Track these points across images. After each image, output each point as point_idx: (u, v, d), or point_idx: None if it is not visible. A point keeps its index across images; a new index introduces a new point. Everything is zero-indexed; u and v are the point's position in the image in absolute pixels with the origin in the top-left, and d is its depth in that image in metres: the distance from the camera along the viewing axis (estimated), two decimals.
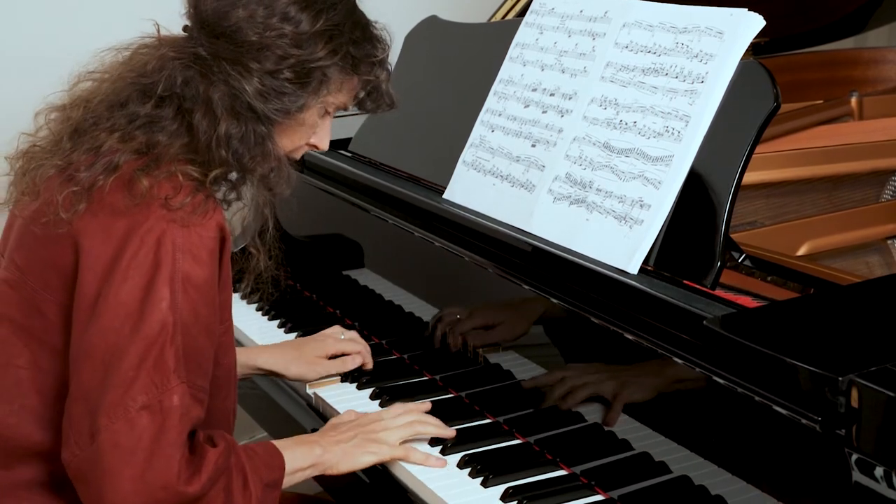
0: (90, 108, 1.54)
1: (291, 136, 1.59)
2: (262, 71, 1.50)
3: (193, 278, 1.46)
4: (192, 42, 1.54)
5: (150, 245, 1.44)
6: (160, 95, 1.50)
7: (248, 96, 1.50)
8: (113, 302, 1.43)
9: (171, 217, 1.45)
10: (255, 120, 1.52)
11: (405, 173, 2.11)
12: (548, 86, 1.86)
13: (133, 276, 1.44)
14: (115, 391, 1.41)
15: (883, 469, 1.20)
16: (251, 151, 1.52)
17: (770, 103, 1.55)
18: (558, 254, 1.67)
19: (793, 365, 1.27)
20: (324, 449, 1.65)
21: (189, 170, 1.49)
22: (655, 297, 1.50)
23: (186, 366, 1.45)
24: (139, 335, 1.42)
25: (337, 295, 2.27)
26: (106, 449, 1.40)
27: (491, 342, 1.83)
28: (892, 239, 1.96)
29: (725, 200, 1.54)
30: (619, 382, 1.59)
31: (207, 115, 1.50)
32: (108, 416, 1.41)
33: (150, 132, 1.49)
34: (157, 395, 1.42)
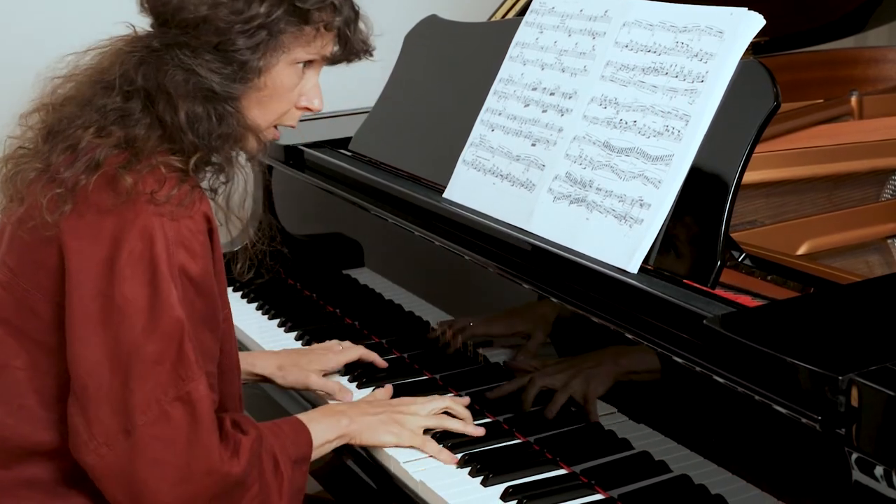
0: (59, 109, 1.54)
1: (267, 106, 1.56)
2: (208, 46, 1.49)
3: (189, 271, 1.47)
4: (149, 36, 1.53)
5: (144, 241, 1.44)
6: (126, 90, 1.50)
7: (202, 76, 1.48)
8: (120, 301, 1.44)
9: (158, 211, 1.45)
10: (216, 99, 1.50)
11: (405, 172, 2.11)
12: (548, 85, 1.86)
13: (133, 273, 1.44)
14: (143, 388, 1.43)
15: (883, 468, 1.20)
16: (215, 131, 1.50)
17: (770, 102, 1.55)
18: (558, 253, 1.67)
19: (793, 364, 1.27)
20: (350, 419, 1.69)
21: (171, 160, 1.48)
22: (655, 297, 1.50)
23: (204, 356, 1.48)
24: (157, 332, 1.44)
25: (337, 294, 2.27)
26: (146, 443, 1.43)
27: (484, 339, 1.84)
28: (892, 238, 1.96)
29: (725, 199, 1.54)
30: (619, 381, 1.59)
31: (168, 105, 1.49)
32: (142, 413, 1.43)
33: (126, 126, 1.49)
34: (185, 386, 1.44)
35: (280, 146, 2.36)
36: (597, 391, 1.61)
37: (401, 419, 1.71)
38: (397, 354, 2.05)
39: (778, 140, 2.13)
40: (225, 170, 1.56)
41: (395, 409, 1.74)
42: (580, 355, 1.68)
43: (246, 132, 1.56)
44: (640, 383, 1.55)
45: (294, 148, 2.34)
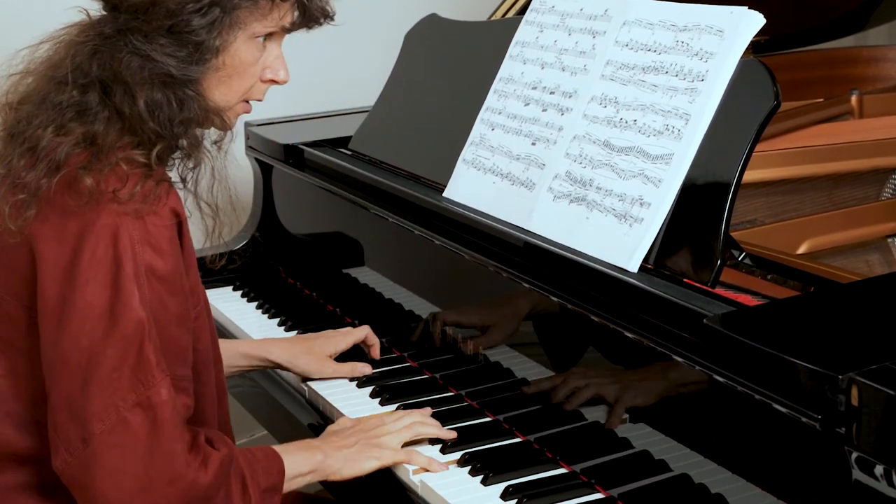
0: (17, 108, 1.50)
1: (231, 84, 1.52)
2: (161, 30, 1.44)
3: (157, 270, 1.43)
4: (101, 23, 1.49)
5: (107, 242, 1.41)
6: (80, 84, 1.46)
7: (158, 61, 1.44)
8: (80, 304, 1.40)
9: (123, 210, 1.41)
10: (174, 83, 1.46)
11: (405, 171, 2.11)
12: (548, 84, 1.86)
13: (95, 275, 1.40)
14: (101, 394, 1.40)
15: (883, 467, 1.20)
16: (178, 116, 1.46)
17: (770, 101, 1.55)
18: (558, 252, 1.67)
19: (793, 363, 1.27)
20: (325, 455, 1.64)
21: (133, 155, 1.45)
22: (655, 296, 1.50)
23: (168, 359, 1.44)
24: (115, 335, 1.40)
25: (337, 293, 2.27)
26: (104, 451, 1.39)
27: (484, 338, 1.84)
28: (892, 237, 1.96)
29: (725, 199, 1.54)
30: (619, 381, 1.59)
31: (126, 94, 1.45)
32: (100, 420, 1.39)
33: (85, 122, 1.45)
34: (145, 391, 1.41)
35: (280, 145, 2.37)
36: (597, 390, 1.61)
37: (378, 442, 1.68)
38: (397, 353, 2.05)
39: (778, 139, 2.13)
40: (192, 155, 1.51)
41: (368, 433, 1.69)
42: (580, 354, 1.68)
43: (210, 114, 1.51)
44: (641, 382, 1.55)
45: (294, 147, 2.34)
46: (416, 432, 1.71)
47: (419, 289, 2.02)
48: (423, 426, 1.72)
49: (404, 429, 1.70)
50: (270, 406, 2.06)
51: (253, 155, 2.49)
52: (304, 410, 1.96)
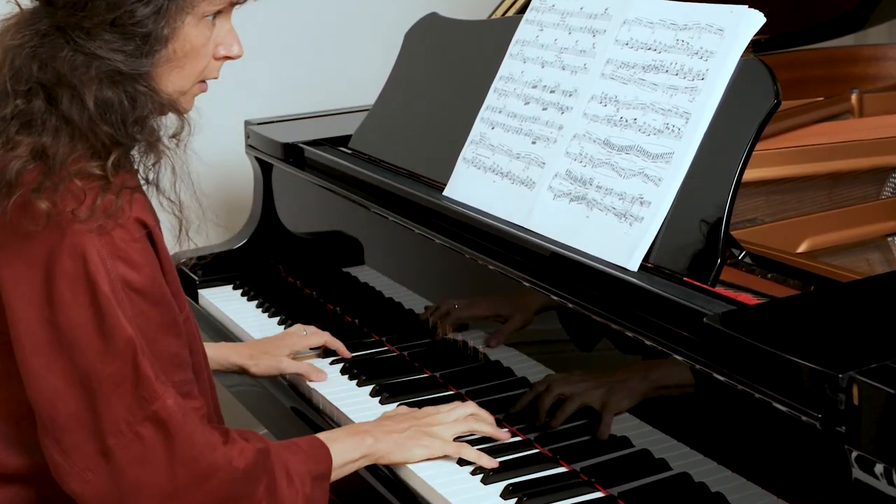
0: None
1: (185, 67, 1.46)
2: (104, 24, 1.37)
3: (133, 283, 1.39)
4: (36, 18, 1.41)
5: (77, 264, 1.36)
6: (22, 90, 1.38)
7: (104, 58, 1.38)
8: (69, 326, 1.37)
9: (86, 228, 1.36)
10: (124, 80, 1.39)
11: (405, 170, 2.11)
12: (548, 83, 1.86)
13: (74, 297, 1.37)
14: (109, 412, 1.38)
15: (883, 466, 1.20)
16: (133, 113, 1.40)
17: (770, 100, 1.55)
18: (558, 251, 1.67)
19: (793, 362, 1.27)
20: (375, 439, 1.63)
21: (88, 168, 1.38)
22: (656, 294, 1.50)
23: (165, 369, 1.42)
24: (108, 355, 1.38)
25: (337, 292, 2.27)
26: (125, 465, 1.39)
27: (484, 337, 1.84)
28: (892, 236, 1.96)
29: (725, 197, 1.54)
30: (618, 380, 1.59)
31: (74, 97, 1.38)
32: (115, 436, 1.39)
33: (33, 133, 1.38)
34: (151, 406, 1.39)
35: (280, 144, 2.37)
36: (598, 389, 1.61)
37: (430, 430, 1.66)
38: (397, 352, 2.05)
39: (778, 138, 2.13)
40: (152, 151, 1.45)
41: (421, 421, 1.68)
42: (580, 353, 1.68)
43: (165, 106, 1.45)
44: (641, 381, 1.55)
45: (294, 146, 2.34)
46: (469, 427, 1.69)
47: (419, 288, 2.02)
48: (477, 422, 1.70)
49: (459, 421, 1.69)
50: (271, 404, 2.06)
51: (253, 154, 2.49)
52: (303, 407, 1.96)
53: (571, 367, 1.68)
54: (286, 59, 3.06)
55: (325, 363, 2.03)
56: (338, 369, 2.00)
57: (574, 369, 1.67)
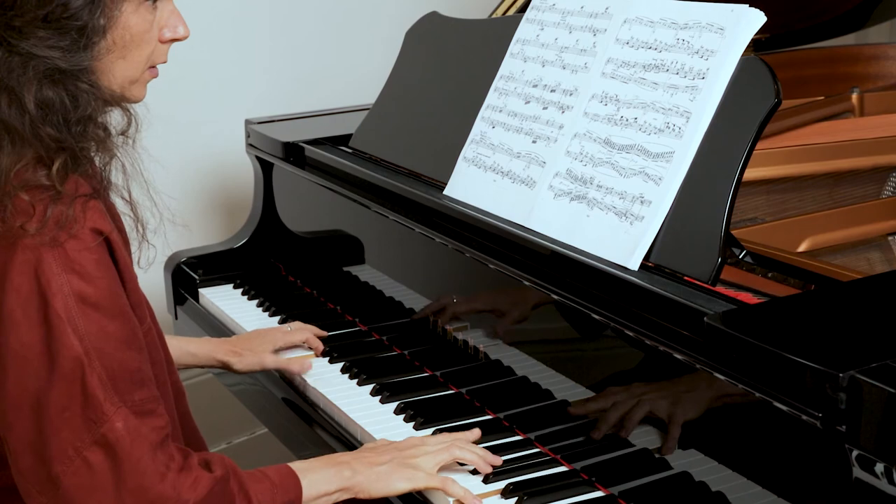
0: None
1: (130, 56, 1.40)
2: (36, 21, 1.31)
3: (88, 297, 1.33)
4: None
5: (29, 279, 1.31)
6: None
7: (38, 56, 1.32)
8: (16, 347, 1.33)
9: (38, 242, 1.31)
10: (65, 77, 1.34)
11: (406, 169, 2.11)
12: (548, 82, 1.86)
13: (24, 316, 1.32)
14: (57, 437, 1.33)
15: (883, 465, 1.20)
16: (76, 112, 1.34)
17: (771, 99, 1.54)
18: (559, 250, 1.67)
19: (794, 361, 1.27)
20: (354, 471, 1.55)
21: (34, 179, 1.33)
22: (656, 294, 1.50)
23: (116, 388, 1.35)
24: (55, 376, 1.33)
25: (337, 291, 2.27)
26: (73, 492, 1.34)
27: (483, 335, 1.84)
28: (892, 235, 1.96)
29: (726, 197, 1.54)
30: (619, 379, 1.59)
31: (12, 101, 1.32)
32: (61, 463, 1.34)
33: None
34: (98, 429, 1.34)
35: (280, 143, 2.37)
36: (599, 389, 1.61)
37: (413, 462, 1.57)
38: (398, 351, 2.05)
39: (779, 137, 2.13)
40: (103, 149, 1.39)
41: (404, 452, 1.59)
42: (581, 352, 1.68)
43: (110, 101, 1.40)
44: (640, 380, 1.55)
45: (294, 145, 2.34)
46: (452, 455, 1.60)
47: (419, 287, 2.02)
48: (460, 449, 1.60)
49: (441, 450, 1.60)
50: (270, 403, 2.06)
51: (253, 153, 2.49)
52: (301, 406, 1.96)
53: (571, 366, 1.68)
54: (286, 58, 3.06)
55: (322, 362, 2.03)
56: (338, 368, 2.00)
57: (574, 369, 1.67)
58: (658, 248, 1.59)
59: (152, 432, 1.38)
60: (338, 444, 1.83)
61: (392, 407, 1.85)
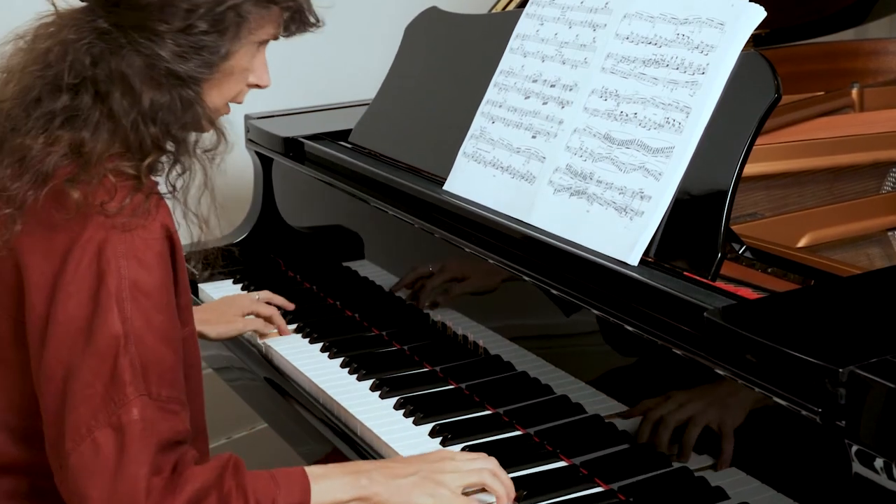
0: (3, 112, 1.44)
1: (224, 88, 1.50)
2: (172, 30, 1.40)
3: (142, 285, 1.38)
4: (92, 16, 1.43)
5: (91, 256, 1.36)
6: (72, 84, 1.40)
7: (166, 61, 1.40)
8: (62, 319, 1.37)
9: (110, 224, 1.37)
10: (179, 84, 1.42)
11: (405, 164, 2.10)
12: (548, 77, 1.86)
13: (77, 290, 1.36)
14: (74, 412, 1.35)
15: (883, 460, 1.20)
16: (180, 119, 1.43)
17: (771, 95, 1.54)
18: (559, 245, 1.67)
19: (793, 356, 1.27)
20: (371, 481, 1.49)
21: (122, 167, 1.40)
22: (656, 289, 1.50)
23: (145, 377, 1.37)
24: (89, 350, 1.35)
25: (337, 286, 2.27)
26: (76, 472, 1.34)
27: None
28: (892, 230, 1.96)
29: (726, 192, 1.54)
30: (619, 374, 1.59)
31: (127, 93, 1.40)
32: (72, 439, 1.35)
33: (73, 128, 1.40)
34: (115, 410, 1.34)
35: (280, 138, 2.36)
36: (598, 384, 1.61)
37: (438, 478, 1.50)
38: (398, 347, 2.05)
39: (779, 132, 2.13)
40: (181, 161, 1.47)
41: (432, 465, 1.53)
42: (580, 347, 1.68)
43: (206, 119, 1.48)
44: (640, 376, 1.55)
45: (294, 140, 2.34)
46: (482, 480, 1.52)
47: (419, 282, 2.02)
48: (492, 477, 1.52)
49: (472, 471, 1.53)
50: (271, 399, 2.06)
51: (253, 148, 2.49)
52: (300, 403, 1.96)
53: (571, 361, 1.68)
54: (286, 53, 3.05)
55: (322, 356, 2.03)
56: (338, 363, 2.00)
57: (574, 364, 1.67)
58: (658, 244, 1.59)
59: (168, 431, 1.38)
60: (337, 439, 1.83)
61: (392, 402, 1.84)
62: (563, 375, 1.68)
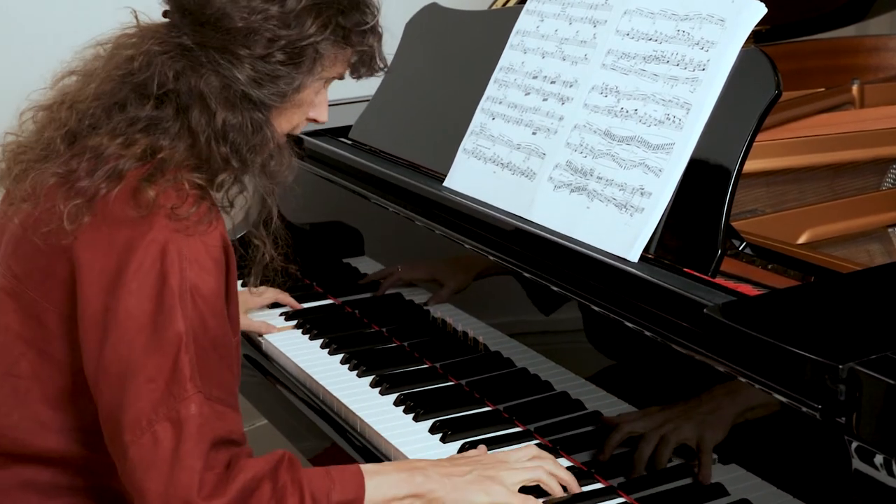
0: (82, 109, 1.48)
1: (290, 117, 1.56)
2: (252, 56, 1.46)
3: (201, 288, 1.41)
4: (175, 31, 1.48)
5: (155, 255, 1.40)
6: (157, 95, 1.45)
7: (242, 84, 1.46)
8: (123, 316, 1.39)
9: (174, 227, 1.41)
10: (251, 108, 1.48)
11: (405, 161, 2.10)
12: (549, 73, 1.85)
13: (140, 287, 1.39)
14: (135, 406, 1.37)
15: (883, 457, 1.20)
16: (249, 141, 1.48)
17: (771, 91, 1.54)
18: (559, 241, 1.67)
19: (793, 353, 1.27)
20: (426, 478, 1.50)
21: (194, 178, 1.45)
22: (656, 285, 1.50)
23: (202, 374, 1.40)
24: (153, 347, 1.38)
25: (337, 282, 2.27)
26: (135, 465, 1.37)
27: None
28: (892, 227, 1.96)
29: (726, 188, 1.53)
30: (619, 370, 1.59)
31: (204, 111, 1.45)
32: (131, 432, 1.37)
33: (152, 135, 1.45)
34: (175, 404, 1.37)
35: None
36: (598, 380, 1.61)
37: (495, 476, 1.52)
38: (398, 343, 2.05)
39: (779, 129, 2.13)
40: (240, 181, 1.52)
41: (487, 464, 1.54)
42: (580, 344, 1.68)
43: (275, 141, 1.53)
44: (640, 372, 1.55)
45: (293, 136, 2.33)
46: (537, 476, 1.54)
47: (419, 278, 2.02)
48: (547, 474, 1.54)
49: (528, 469, 1.55)
50: (270, 395, 2.06)
51: None
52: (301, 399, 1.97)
53: (571, 357, 1.68)
54: None
55: (322, 353, 2.03)
56: (338, 360, 2.00)
57: (573, 360, 1.67)
58: (658, 240, 1.59)
59: (222, 429, 1.40)
60: (336, 434, 1.83)
61: (392, 398, 1.85)
62: (563, 372, 1.68)
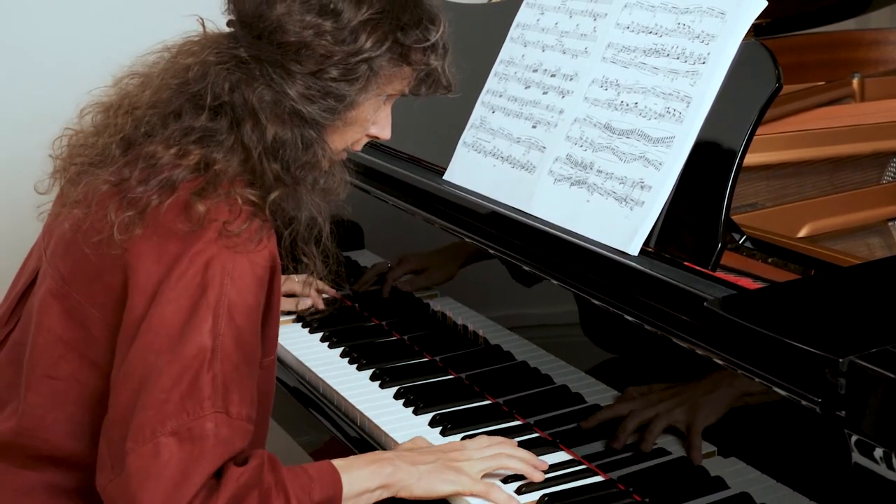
0: (138, 116, 1.47)
1: (345, 134, 1.53)
2: (304, 72, 1.43)
3: (240, 305, 1.39)
4: (234, 43, 1.46)
5: (199, 267, 1.38)
6: (212, 106, 1.43)
7: (292, 100, 1.43)
8: (156, 322, 1.37)
9: (224, 242, 1.39)
10: (302, 124, 1.45)
11: (405, 154, 2.10)
12: (549, 66, 1.85)
13: (178, 297, 1.38)
14: (144, 413, 1.35)
15: (882, 450, 1.20)
16: (300, 158, 1.45)
17: (772, 84, 1.54)
18: (559, 235, 1.67)
19: (793, 346, 1.27)
20: (395, 468, 1.53)
21: (247, 193, 1.43)
22: (656, 279, 1.50)
23: (225, 395, 1.38)
24: (175, 357, 1.36)
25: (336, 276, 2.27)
26: (132, 474, 1.34)
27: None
28: (892, 221, 1.96)
29: (726, 182, 1.53)
30: (619, 365, 1.59)
31: (256, 126, 1.43)
32: (134, 440, 1.34)
33: (206, 147, 1.43)
34: (188, 421, 1.35)
35: None
36: (598, 374, 1.61)
37: (456, 465, 1.55)
38: (398, 337, 2.05)
39: (780, 122, 2.12)
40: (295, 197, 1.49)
41: (448, 455, 1.58)
42: (580, 337, 1.68)
43: (328, 159, 1.50)
44: (640, 365, 1.55)
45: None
46: (499, 464, 1.58)
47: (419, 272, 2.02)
48: (508, 458, 1.59)
49: (488, 458, 1.58)
50: None
51: None
52: (300, 395, 1.97)
53: (571, 351, 1.68)
54: None
55: (322, 346, 2.03)
56: (338, 353, 2.00)
57: (573, 354, 1.67)
58: (658, 234, 1.59)
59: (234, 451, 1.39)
60: (336, 428, 1.83)
61: (392, 392, 1.85)
62: (562, 365, 1.69)
